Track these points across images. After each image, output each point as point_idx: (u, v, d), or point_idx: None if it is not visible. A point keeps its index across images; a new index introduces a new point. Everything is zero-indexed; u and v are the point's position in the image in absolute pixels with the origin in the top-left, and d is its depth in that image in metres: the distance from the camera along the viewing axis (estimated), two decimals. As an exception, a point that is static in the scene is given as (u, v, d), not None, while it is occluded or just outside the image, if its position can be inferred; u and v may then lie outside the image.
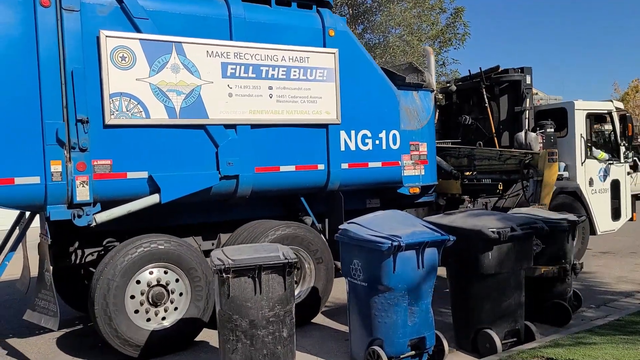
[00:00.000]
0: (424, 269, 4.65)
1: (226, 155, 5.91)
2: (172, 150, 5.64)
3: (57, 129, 5.04)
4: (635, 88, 42.34)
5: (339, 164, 6.67)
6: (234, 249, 4.78)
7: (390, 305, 4.60)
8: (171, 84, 5.59)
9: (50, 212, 5.08)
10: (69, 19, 5.11)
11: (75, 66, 5.12)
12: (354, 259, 4.80)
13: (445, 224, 5.22)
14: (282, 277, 4.49)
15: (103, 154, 5.29)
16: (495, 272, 5.02)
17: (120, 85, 5.33)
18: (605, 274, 8.34)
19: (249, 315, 4.37)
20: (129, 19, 5.42)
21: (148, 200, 5.50)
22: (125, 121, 5.37)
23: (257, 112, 6.09)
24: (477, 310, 5.14)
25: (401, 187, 7.47)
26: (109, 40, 5.26)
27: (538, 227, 5.29)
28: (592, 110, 9.47)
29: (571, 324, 5.89)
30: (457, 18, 19.74)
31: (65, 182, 5.09)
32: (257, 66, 6.07)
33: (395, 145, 7.18)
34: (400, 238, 4.48)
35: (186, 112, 5.67)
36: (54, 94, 5.05)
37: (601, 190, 9.52)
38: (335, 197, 6.84)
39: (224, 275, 4.34)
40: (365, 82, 6.88)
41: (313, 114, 6.45)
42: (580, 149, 9.19)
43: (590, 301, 6.71)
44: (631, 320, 5.79)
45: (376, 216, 5.15)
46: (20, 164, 4.94)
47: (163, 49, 5.54)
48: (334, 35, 6.60)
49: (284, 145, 6.33)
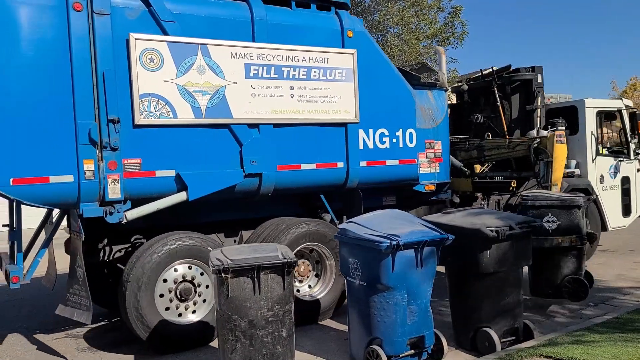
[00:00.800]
0: (423, 268, 4.65)
1: (250, 153, 6.06)
2: (198, 149, 5.80)
3: (89, 129, 5.20)
4: (633, 86, 42.70)
5: (357, 162, 6.82)
6: (233, 249, 4.78)
7: (389, 304, 4.59)
8: (197, 85, 5.74)
9: (83, 209, 5.24)
10: (100, 22, 5.27)
11: (107, 68, 5.28)
12: (353, 258, 4.80)
13: (444, 222, 5.23)
14: (282, 277, 4.47)
15: (133, 153, 5.45)
16: (494, 270, 5.02)
17: (149, 86, 5.49)
18: (605, 272, 8.34)
19: (248, 315, 4.35)
20: (156, 22, 5.58)
21: (176, 198, 5.66)
22: (153, 121, 5.53)
23: (279, 111, 6.24)
24: (476, 309, 5.15)
25: (417, 185, 7.62)
26: (138, 43, 5.42)
27: (536, 226, 5.31)
28: (602, 108, 9.61)
29: (570, 322, 5.93)
30: (455, 17, 19.78)
31: (98, 181, 5.25)
32: (279, 67, 6.23)
33: (412, 144, 7.33)
34: (399, 237, 4.48)
35: (211, 112, 5.83)
36: (86, 95, 5.22)
37: (612, 187, 9.65)
38: (353, 195, 6.99)
39: (223, 276, 4.31)
40: (382, 82, 7.03)
41: (332, 113, 6.60)
42: (591, 146, 9.33)
43: (589, 299, 6.73)
44: (630, 318, 5.81)
45: (375, 215, 5.17)
46: (54, 163, 5.10)
47: (189, 50, 5.70)
48: (352, 36, 6.75)
49: (305, 144, 6.48)
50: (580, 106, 9.39)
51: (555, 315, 6.19)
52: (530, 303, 6.57)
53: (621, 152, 9.90)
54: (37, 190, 5.06)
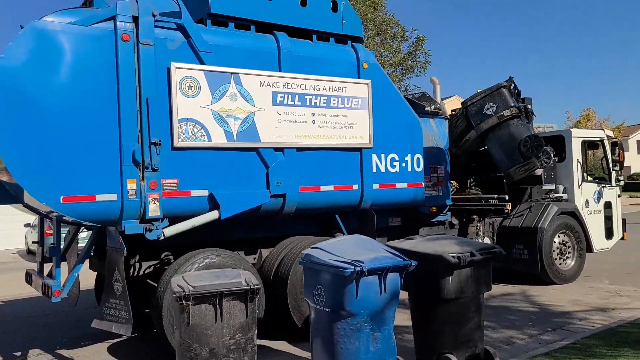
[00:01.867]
0: (387, 294, 4.59)
1: (275, 175, 6.46)
2: (229, 171, 6.18)
3: (133, 151, 5.55)
4: (586, 116, 45.10)
5: (371, 185, 7.28)
6: (195, 275, 4.72)
7: (353, 331, 4.51)
8: (229, 111, 6.15)
9: (125, 226, 5.55)
10: (145, 52, 5.65)
11: (150, 94, 5.65)
12: (317, 284, 4.70)
13: (407, 248, 5.19)
14: (244, 304, 4.42)
15: (171, 174, 5.80)
16: (456, 296, 4.99)
17: (187, 112, 5.87)
18: (561, 297, 8.45)
19: (209, 344, 4.26)
20: (194, 52, 5.99)
21: (209, 216, 6.01)
22: (190, 144, 5.89)
23: (302, 136, 6.68)
24: (438, 335, 5.10)
25: (423, 207, 8.10)
26: (178, 71, 5.82)
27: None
28: (586, 138, 10.32)
29: (529, 347, 5.98)
30: (418, 47, 20.39)
31: (139, 199, 5.58)
32: (302, 95, 6.68)
33: (419, 168, 7.82)
34: (363, 263, 4.43)
35: (242, 136, 6.23)
36: (131, 119, 5.57)
37: (596, 211, 10.32)
38: (367, 215, 7.42)
39: (184, 303, 4.24)
40: (393, 110, 7.54)
41: (349, 138, 7.06)
42: (577, 173, 9.98)
43: (546, 324, 6.86)
44: (586, 343, 5.91)
45: (339, 241, 5.14)
46: (100, 182, 5.42)
47: (223, 79, 6.12)
48: (367, 68, 7.27)
49: (324, 167, 6.91)
50: (567, 136, 10.08)
51: (515, 341, 6.26)
52: (491, 328, 6.67)
53: (604, 179, 10.60)
54: (84, 208, 5.36)
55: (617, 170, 10.51)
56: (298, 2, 6.95)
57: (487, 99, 8.99)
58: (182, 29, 5.94)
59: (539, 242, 9.19)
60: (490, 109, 8.91)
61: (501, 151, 8.88)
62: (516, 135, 8.67)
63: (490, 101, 8.95)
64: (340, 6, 7.25)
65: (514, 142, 8.64)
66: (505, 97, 8.91)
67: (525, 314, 7.50)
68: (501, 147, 8.87)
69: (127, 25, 5.59)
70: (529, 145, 8.50)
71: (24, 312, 9.14)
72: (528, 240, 9.32)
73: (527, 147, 8.51)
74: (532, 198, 9.86)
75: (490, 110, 8.90)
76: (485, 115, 8.93)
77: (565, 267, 9.58)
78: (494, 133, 8.91)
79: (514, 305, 8.03)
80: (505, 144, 8.78)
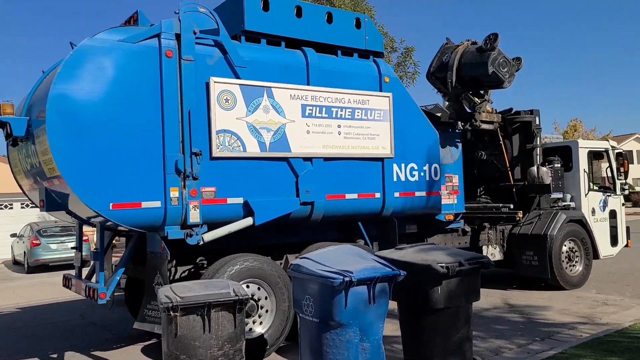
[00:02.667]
0: (376, 304, 4.56)
1: (304, 184, 6.79)
2: (262, 179, 6.50)
3: (176, 160, 5.88)
4: (573, 127, 45.87)
5: (392, 193, 7.62)
6: (183, 285, 4.68)
7: (342, 341, 4.48)
8: (263, 122, 6.49)
9: (167, 232, 5.87)
10: (186, 67, 6.00)
11: (191, 107, 5.99)
12: (306, 294, 4.67)
13: (396, 258, 5.17)
14: (233, 315, 4.38)
15: (209, 182, 6.12)
16: (445, 306, 5.00)
17: (224, 123, 6.21)
18: (549, 307, 8.53)
19: (197, 355, 4.22)
20: (230, 67, 6.34)
21: (244, 223, 6.33)
22: (227, 154, 6.23)
23: (328, 146, 7.02)
24: (427, 345, 5.10)
25: (439, 214, 8.45)
26: (216, 85, 6.16)
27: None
28: (592, 148, 10.71)
29: (517, 357, 6.03)
30: (407, 57, 20.66)
31: (180, 206, 5.90)
32: (329, 107, 7.03)
33: (437, 177, 8.18)
34: (351, 273, 4.40)
35: (274, 147, 6.57)
36: (173, 131, 5.91)
37: (602, 219, 10.69)
38: (387, 222, 7.76)
39: (172, 314, 4.19)
40: (412, 122, 7.90)
41: (372, 149, 7.41)
42: (584, 182, 10.36)
43: (534, 334, 6.92)
44: (574, 353, 5.93)
45: (328, 251, 5.12)
46: (146, 190, 5.74)
47: (257, 92, 6.46)
48: (388, 82, 7.64)
49: (349, 176, 7.25)
50: (574, 146, 10.47)
51: (504, 351, 6.28)
52: (480, 338, 6.71)
53: (609, 188, 10.99)
54: (131, 214, 5.68)
55: (622, 180, 10.90)
56: (325, 20, 7.32)
57: (440, 57, 9.88)
58: (219, 45, 6.30)
59: (548, 249, 9.54)
60: (446, 59, 9.72)
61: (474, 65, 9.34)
62: (474, 50, 9.35)
63: (443, 55, 9.84)
64: (363, 23, 7.63)
65: (476, 52, 9.27)
66: (452, 45, 9.87)
67: (514, 323, 7.60)
68: (472, 62, 9.34)
69: (170, 42, 5.93)
70: (487, 41, 9.23)
71: (46, 317, 9.40)
72: (538, 247, 9.67)
73: (487, 42, 9.22)
74: (540, 206, 10.22)
75: (447, 59, 9.72)
76: (445, 64, 9.65)
77: (574, 273, 9.93)
78: (460, 64, 9.47)
79: (503, 315, 8.15)
80: (472, 58, 9.34)
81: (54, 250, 17.08)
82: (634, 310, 8.06)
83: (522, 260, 9.89)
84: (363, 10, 19.32)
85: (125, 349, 7.12)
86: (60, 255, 17.02)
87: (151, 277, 6.13)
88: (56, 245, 17.14)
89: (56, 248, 17.09)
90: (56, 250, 17.07)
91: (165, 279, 5.89)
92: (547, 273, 9.56)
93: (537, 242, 9.68)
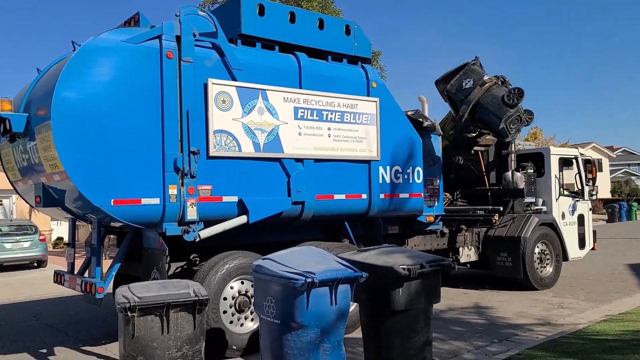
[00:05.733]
0: (337, 305, 4.57)
1: (296, 184, 7.02)
2: (256, 179, 6.71)
3: (175, 159, 6.04)
4: (534, 134, 47.42)
5: (377, 194, 7.91)
6: (142, 285, 4.64)
7: (303, 342, 4.46)
8: (257, 124, 6.70)
9: (166, 228, 6.02)
10: (186, 68, 6.17)
11: (190, 107, 6.16)
12: (268, 295, 4.64)
13: (359, 260, 5.22)
14: (192, 315, 4.35)
15: (206, 181, 6.30)
16: (406, 308, 5.03)
17: (221, 124, 6.39)
18: (506, 309, 8.67)
19: (154, 357, 4.16)
20: (227, 70, 6.54)
21: (239, 220, 6.52)
22: (223, 153, 6.41)
23: (319, 148, 7.27)
24: (388, 347, 5.14)
25: (420, 216, 8.78)
26: (214, 87, 6.34)
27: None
28: (562, 155, 11.23)
29: (476, 359, 6.11)
30: (373, 62, 21.11)
31: (178, 204, 6.06)
32: (320, 111, 7.28)
33: (419, 180, 8.51)
34: (314, 274, 4.39)
35: (267, 147, 6.78)
36: (173, 130, 6.07)
37: (571, 223, 11.21)
38: (372, 222, 8.05)
39: (129, 314, 4.13)
40: (397, 126, 8.22)
41: (360, 151, 7.69)
42: (555, 187, 10.86)
43: (492, 335, 7.03)
44: (530, 354, 6.02)
45: (291, 252, 5.11)
46: (145, 187, 5.89)
47: (252, 94, 6.67)
48: (375, 87, 7.94)
49: (337, 177, 7.51)
50: (546, 153, 10.97)
51: (462, 352, 6.37)
52: (439, 340, 6.77)
53: (577, 194, 11.52)
54: (131, 210, 5.82)
55: (590, 186, 11.44)
56: (316, 26, 7.59)
57: (462, 77, 9.88)
58: (217, 48, 6.49)
59: (521, 251, 9.97)
60: (468, 83, 9.77)
61: (490, 112, 9.58)
62: (498, 94, 9.49)
63: (466, 78, 9.84)
64: (352, 30, 7.92)
65: (498, 99, 9.43)
66: (478, 71, 9.88)
67: (473, 325, 7.73)
68: (489, 109, 9.56)
69: (171, 44, 6.11)
70: (512, 95, 9.35)
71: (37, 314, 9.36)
72: (511, 248, 10.09)
73: (510, 97, 9.33)
74: (514, 210, 10.67)
75: (469, 84, 9.75)
76: (466, 90, 9.74)
77: (545, 274, 10.40)
78: (479, 102, 9.65)
79: (462, 317, 8.28)
80: (491, 104, 9.53)
81: (9, 249, 16.57)
82: (587, 313, 8.29)
83: (496, 262, 10.30)
84: (331, 13, 19.67)
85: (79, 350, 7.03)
86: (14, 255, 16.53)
87: (147, 273, 6.26)
88: (11, 244, 16.63)
89: (11, 247, 16.59)
90: (10, 250, 16.57)
91: (163, 274, 6.03)
92: (520, 274, 9.99)
93: (511, 244, 10.10)
